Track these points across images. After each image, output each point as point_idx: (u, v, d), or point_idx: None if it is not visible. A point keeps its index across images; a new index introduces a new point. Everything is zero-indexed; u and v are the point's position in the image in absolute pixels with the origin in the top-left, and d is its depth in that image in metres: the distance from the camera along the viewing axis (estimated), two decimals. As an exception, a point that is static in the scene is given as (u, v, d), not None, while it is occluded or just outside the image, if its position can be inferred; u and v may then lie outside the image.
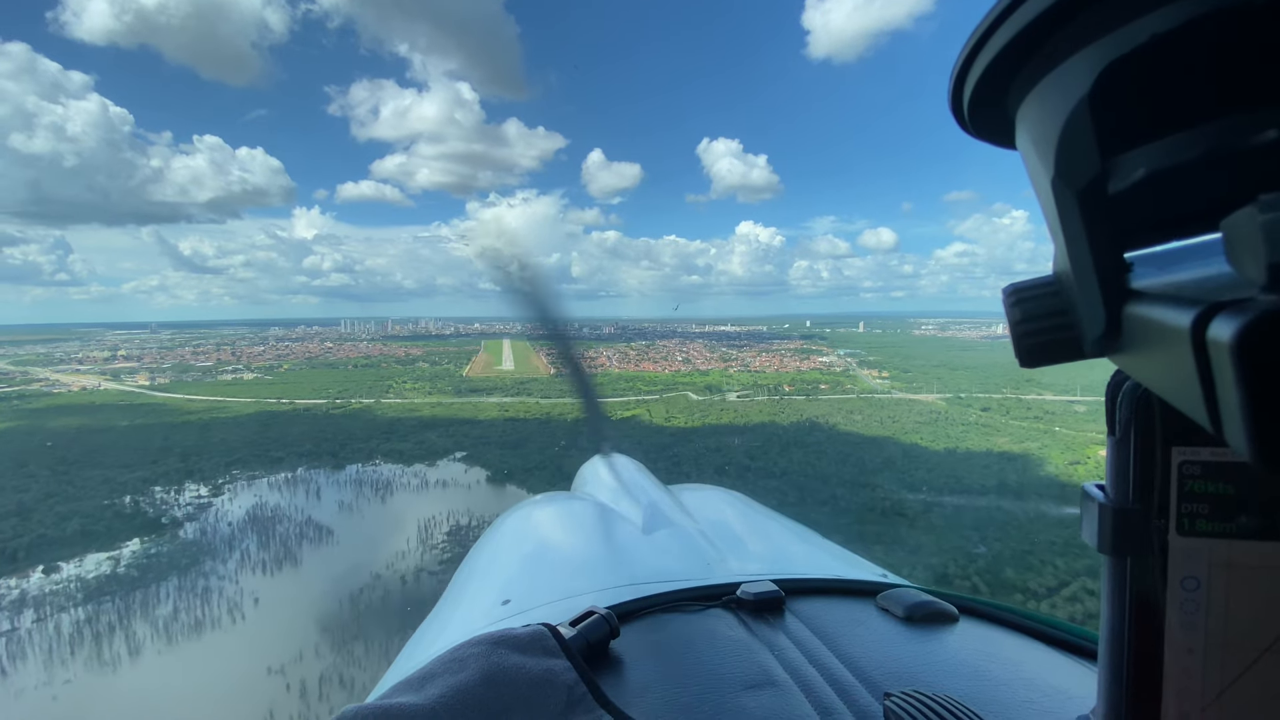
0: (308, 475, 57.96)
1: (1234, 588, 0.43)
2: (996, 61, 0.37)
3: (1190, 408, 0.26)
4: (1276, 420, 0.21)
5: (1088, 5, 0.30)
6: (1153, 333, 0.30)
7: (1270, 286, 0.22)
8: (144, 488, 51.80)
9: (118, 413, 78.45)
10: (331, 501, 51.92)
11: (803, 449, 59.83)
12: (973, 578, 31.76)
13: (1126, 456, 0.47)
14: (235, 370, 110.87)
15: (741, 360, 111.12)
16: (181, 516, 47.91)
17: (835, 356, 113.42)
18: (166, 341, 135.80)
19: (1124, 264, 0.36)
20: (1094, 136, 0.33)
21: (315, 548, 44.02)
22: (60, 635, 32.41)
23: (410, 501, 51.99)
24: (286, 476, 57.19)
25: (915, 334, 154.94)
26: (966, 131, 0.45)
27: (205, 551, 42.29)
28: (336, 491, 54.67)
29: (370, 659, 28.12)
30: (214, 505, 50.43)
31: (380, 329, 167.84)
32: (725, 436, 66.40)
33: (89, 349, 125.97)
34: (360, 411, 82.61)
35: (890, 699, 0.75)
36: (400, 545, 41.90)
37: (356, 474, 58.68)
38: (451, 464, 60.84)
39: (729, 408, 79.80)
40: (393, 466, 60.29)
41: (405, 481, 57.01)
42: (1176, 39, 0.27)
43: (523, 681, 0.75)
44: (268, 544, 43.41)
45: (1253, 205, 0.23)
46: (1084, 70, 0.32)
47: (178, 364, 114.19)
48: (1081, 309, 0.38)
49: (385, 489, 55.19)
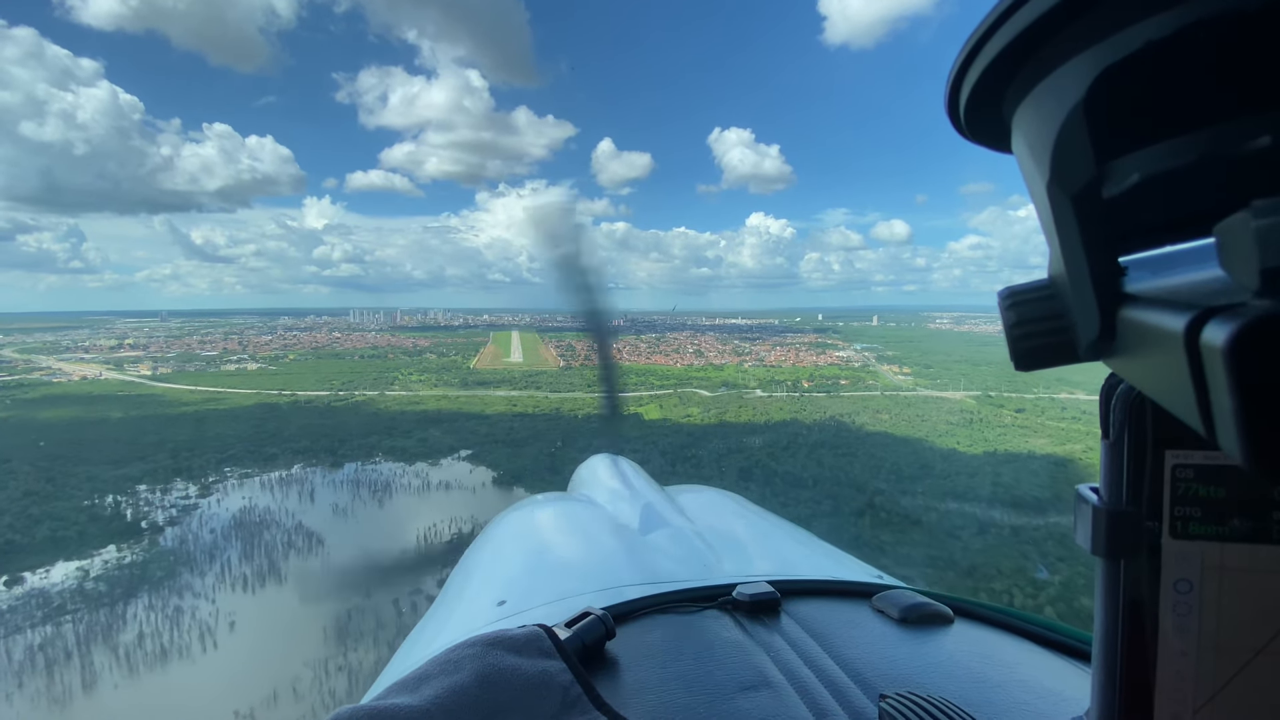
0: (303, 474, 53.93)
1: (1226, 590, 0.43)
2: (992, 66, 0.37)
3: (1184, 411, 0.26)
4: (1269, 424, 0.21)
5: (1083, 11, 0.30)
6: (1147, 337, 0.30)
7: (1264, 291, 0.22)
8: (128, 487, 47.99)
9: (114, 404, 74.90)
10: (325, 505, 47.80)
11: (831, 451, 55.04)
12: (1045, 609, 27.13)
13: (1120, 459, 0.47)
14: (240, 360, 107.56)
15: (756, 354, 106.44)
16: (163, 521, 44.03)
17: (852, 351, 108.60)
18: (175, 330, 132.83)
19: (1118, 268, 0.36)
20: (1089, 141, 0.33)
21: (303, 559, 39.94)
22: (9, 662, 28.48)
23: (410, 506, 47.96)
24: (280, 476, 53.18)
25: (930, 328, 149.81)
26: (962, 135, 0.45)
27: (183, 562, 38.34)
28: (331, 493, 50.49)
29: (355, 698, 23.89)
30: (200, 508, 46.57)
31: (389, 319, 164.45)
32: (745, 436, 61.72)
33: (97, 337, 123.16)
34: (363, 404, 78.69)
35: (885, 700, 0.75)
36: (397, 558, 37.45)
37: (354, 474, 54.48)
38: (455, 464, 56.58)
39: (746, 404, 75.27)
40: (393, 465, 56.13)
41: (406, 483, 52.74)
42: (1171, 45, 0.27)
43: (518, 683, 0.75)
44: (251, 555, 39.48)
45: (1246, 210, 0.23)
46: (1079, 76, 0.32)
47: (183, 353, 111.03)
48: (1076, 313, 0.38)
49: (383, 491, 51.00)
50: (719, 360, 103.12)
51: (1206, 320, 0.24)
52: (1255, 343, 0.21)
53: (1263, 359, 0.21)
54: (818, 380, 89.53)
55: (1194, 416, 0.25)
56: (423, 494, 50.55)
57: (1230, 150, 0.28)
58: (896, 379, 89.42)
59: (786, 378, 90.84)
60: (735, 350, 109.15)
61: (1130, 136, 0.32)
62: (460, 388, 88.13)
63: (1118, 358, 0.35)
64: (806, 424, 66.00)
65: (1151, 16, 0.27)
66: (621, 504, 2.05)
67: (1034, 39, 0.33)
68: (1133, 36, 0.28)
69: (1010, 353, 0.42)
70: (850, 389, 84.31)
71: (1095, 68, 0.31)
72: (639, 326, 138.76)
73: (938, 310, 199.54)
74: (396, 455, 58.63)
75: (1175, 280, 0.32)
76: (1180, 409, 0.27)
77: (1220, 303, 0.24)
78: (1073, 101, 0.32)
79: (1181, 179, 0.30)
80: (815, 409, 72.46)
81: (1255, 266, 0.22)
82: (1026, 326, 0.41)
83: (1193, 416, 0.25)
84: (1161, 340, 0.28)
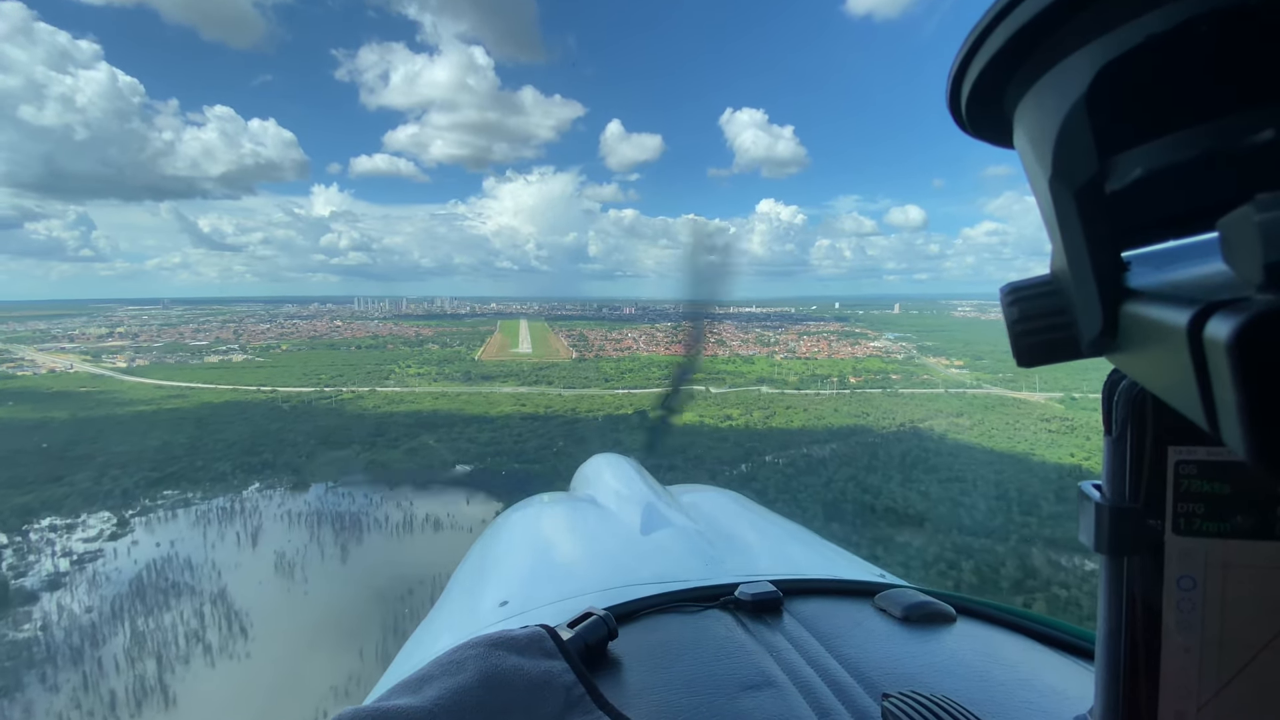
0: (255, 501, 40.79)
1: (1230, 587, 0.42)
2: (994, 61, 0.35)
3: (1187, 407, 0.25)
4: (1273, 419, 0.21)
5: (1085, 5, 0.29)
6: (1150, 332, 0.29)
7: (1267, 286, 0.21)
8: (26, 520, 35.32)
9: (67, 402, 62.23)
10: (268, 555, 33.78)
11: (927, 471, 41.64)
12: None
13: (1123, 456, 0.46)
14: (228, 351, 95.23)
15: (784, 345, 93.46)
16: (45, 579, 30.83)
17: (885, 341, 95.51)
18: (175, 318, 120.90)
19: (1121, 263, 0.34)
20: (1091, 136, 0.32)
21: (209, 665, 25.26)
22: None
23: (381, 557, 34.30)
24: (225, 505, 39.96)
25: (955, 316, 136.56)
26: (964, 131, 0.44)
27: (36, 663, 24.76)
28: (282, 534, 36.45)
29: None
30: (102, 556, 33.35)
31: (394, 307, 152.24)
32: (807, 446, 48.54)
33: (90, 326, 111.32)
34: (349, 403, 65.73)
35: (888, 700, 0.73)
36: (349, 660, 22.33)
37: (319, 501, 41.08)
38: (449, 490, 42.88)
39: (794, 403, 62.18)
40: (370, 489, 42.82)
41: (381, 518, 38.68)
42: (1173, 39, 0.26)
43: (521, 683, 0.73)
44: (144, 643, 25.96)
45: (1250, 205, 0.22)
46: (1082, 70, 0.31)
47: (171, 343, 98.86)
48: (1079, 308, 0.36)
49: (351, 532, 37.02)
50: (745, 351, 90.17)
51: (1210, 315, 0.23)
52: (1259, 337, 0.20)
53: (1266, 353, 0.20)
54: (864, 375, 76.49)
55: (1197, 412, 0.24)
56: (401, 539, 36.62)
57: (1233, 145, 0.27)
58: (951, 373, 76.28)
59: (827, 371, 77.80)
60: (759, 340, 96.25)
61: (1133, 131, 0.30)
62: (463, 382, 75.31)
63: (1121, 353, 0.34)
64: (878, 431, 52.81)
65: (1154, 10, 0.26)
66: (624, 503, 1.97)
67: (1037, 33, 0.32)
68: (1135, 30, 0.28)
69: (1012, 349, 0.40)
70: (903, 384, 71.31)
71: (1098, 62, 0.30)
72: (651, 315, 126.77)
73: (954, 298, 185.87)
74: (378, 472, 45.64)
75: (1178, 275, 0.32)
76: (1184, 404, 0.26)
77: (1224, 297, 0.23)
78: (1075, 96, 0.31)
79: (1184, 174, 0.29)
80: (876, 411, 59.22)
81: (1259, 261, 0.22)
82: (1029, 322, 0.39)
83: (1196, 412, 0.24)
84: (1165, 335, 0.26)
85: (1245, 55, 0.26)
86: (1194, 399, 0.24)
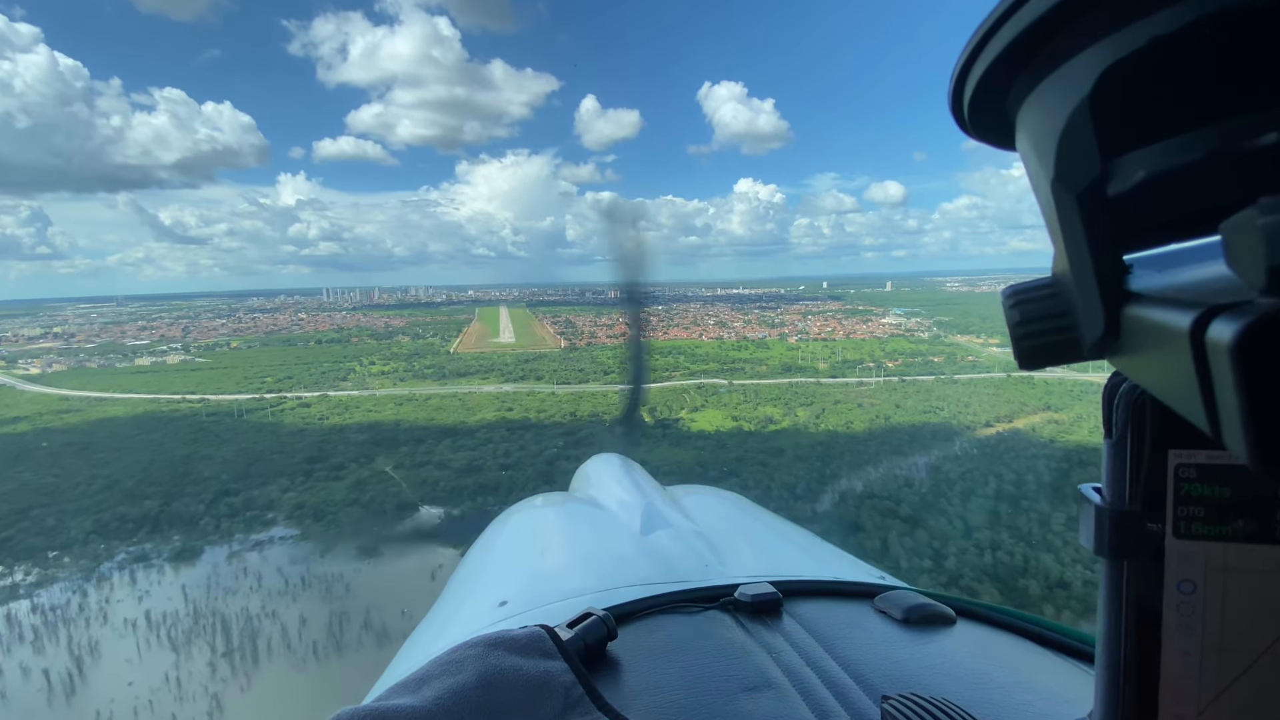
0: (121, 572, 26.56)
1: (1230, 591, 0.40)
2: (997, 63, 0.34)
3: (1189, 410, 0.25)
4: (1275, 423, 0.20)
5: (1089, 8, 0.28)
6: (1152, 335, 0.28)
7: (1269, 289, 0.21)
8: None
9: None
10: (88, 704, 18.97)
11: (1069, 504, 28.95)
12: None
13: (1123, 459, 0.45)
14: (166, 351, 79.14)
15: (793, 326, 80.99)
16: None
17: (896, 318, 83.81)
18: (126, 316, 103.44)
19: (1123, 266, 0.33)
20: (1094, 138, 0.31)
21: None
22: None
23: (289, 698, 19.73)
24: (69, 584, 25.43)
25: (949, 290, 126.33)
26: (966, 132, 0.43)
27: None
28: (127, 653, 21.46)
29: None
30: None
31: (366, 297, 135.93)
32: (888, 459, 35.67)
33: (27, 327, 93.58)
34: (292, 412, 50.83)
35: (888, 702, 0.72)
36: None
37: (210, 574, 26.73)
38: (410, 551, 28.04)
39: (839, 396, 49.34)
40: (290, 548, 28.27)
41: (297, 615, 23.07)
42: (1177, 42, 0.26)
43: (520, 683, 0.72)
44: None
45: (1252, 208, 0.21)
46: (1085, 72, 0.30)
47: (106, 344, 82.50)
48: (1080, 311, 0.35)
49: (240, 653, 21.53)
50: (753, 334, 77.48)
51: (1212, 318, 0.22)
52: (1261, 340, 0.20)
53: (1269, 357, 0.20)
54: (899, 358, 64.36)
55: (1199, 415, 0.24)
56: (320, 668, 21.10)
57: (1236, 147, 0.26)
58: (993, 353, 64.57)
59: (856, 355, 65.50)
60: (763, 321, 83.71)
61: (1136, 133, 0.30)
62: (435, 381, 60.86)
63: (1122, 356, 0.33)
64: (967, 434, 40.29)
65: (1158, 12, 0.26)
66: (623, 504, 1.92)
67: (1040, 35, 0.31)
68: (1139, 32, 0.27)
69: (1014, 351, 0.39)
70: (949, 368, 59.42)
71: (1101, 64, 0.29)
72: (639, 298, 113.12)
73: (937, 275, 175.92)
74: (306, 521, 30.99)
75: (1180, 278, 0.31)
76: (1185, 408, 0.25)
77: (1226, 300, 0.23)
78: (1078, 98, 0.30)
79: (1187, 176, 0.28)
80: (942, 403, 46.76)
81: (1261, 264, 0.21)
82: (1030, 325, 0.38)
83: (1198, 415, 0.24)
84: (1166, 338, 0.26)
85: (1249, 58, 0.25)
86: (1196, 402, 0.24)
